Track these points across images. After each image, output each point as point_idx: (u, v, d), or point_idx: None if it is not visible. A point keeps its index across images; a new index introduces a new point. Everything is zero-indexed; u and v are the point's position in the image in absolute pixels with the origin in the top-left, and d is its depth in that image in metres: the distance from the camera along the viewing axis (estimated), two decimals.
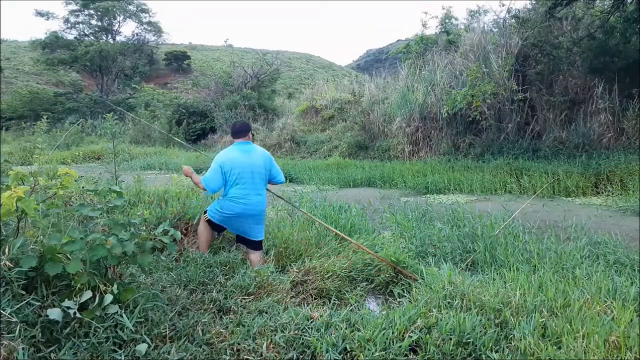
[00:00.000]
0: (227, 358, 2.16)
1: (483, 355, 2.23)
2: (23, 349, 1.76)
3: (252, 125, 3.99)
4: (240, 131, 3.82)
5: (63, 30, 30.81)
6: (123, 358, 1.95)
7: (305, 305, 2.84)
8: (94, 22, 31.94)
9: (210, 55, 49.96)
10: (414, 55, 16.70)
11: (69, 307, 1.96)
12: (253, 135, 4.06)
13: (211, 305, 2.65)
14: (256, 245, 3.77)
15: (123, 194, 2.61)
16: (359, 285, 3.58)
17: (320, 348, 2.22)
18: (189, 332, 2.31)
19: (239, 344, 2.25)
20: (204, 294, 2.78)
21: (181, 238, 3.93)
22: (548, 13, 10.46)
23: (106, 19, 31.93)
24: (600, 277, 3.10)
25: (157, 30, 33.97)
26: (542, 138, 10.65)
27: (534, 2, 12.17)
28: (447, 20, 17.35)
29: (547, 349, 2.21)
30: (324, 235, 4.41)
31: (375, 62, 54.86)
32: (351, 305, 3.04)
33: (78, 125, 21.89)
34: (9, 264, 1.98)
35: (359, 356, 2.20)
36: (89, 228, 2.54)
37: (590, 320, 2.40)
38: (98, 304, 2.05)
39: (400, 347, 2.23)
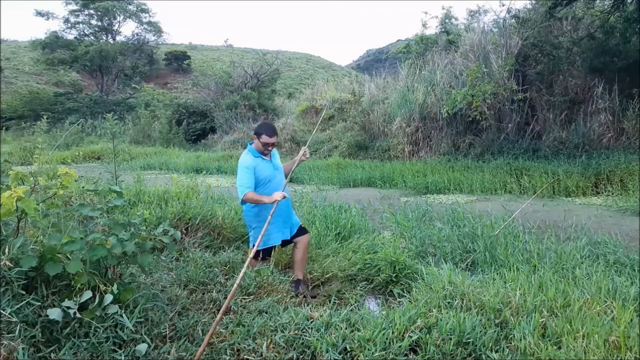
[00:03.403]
0: (227, 358, 2.16)
1: (483, 355, 2.23)
2: (23, 349, 1.76)
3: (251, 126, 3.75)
4: None
5: (63, 30, 30.87)
6: (123, 358, 1.95)
7: (305, 305, 2.84)
8: (94, 22, 31.97)
9: (210, 55, 49.88)
10: (414, 55, 16.70)
11: (69, 307, 1.97)
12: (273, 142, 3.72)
13: (211, 305, 2.65)
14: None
15: (123, 194, 2.61)
16: (358, 285, 3.58)
17: (320, 348, 2.22)
18: (189, 332, 2.31)
19: (239, 344, 2.25)
20: (204, 294, 2.78)
21: (181, 238, 3.93)
22: (548, 13, 10.45)
23: (106, 19, 31.94)
24: (600, 277, 3.10)
25: (157, 30, 33.96)
26: (542, 138, 10.64)
27: (534, 2, 12.18)
28: (447, 20, 17.38)
29: (547, 349, 2.21)
30: (324, 235, 4.42)
31: (375, 62, 54.73)
32: (351, 305, 3.04)
33: (78, 125, 21.91)
34: (9, 264, 1.98)
35: (359, 356, 2.20)
36: (89, 228, 2.54)
37: (590, 320, 2.39)
38: (98, 304, 2.05)
39: (400, 347, 2.23)
